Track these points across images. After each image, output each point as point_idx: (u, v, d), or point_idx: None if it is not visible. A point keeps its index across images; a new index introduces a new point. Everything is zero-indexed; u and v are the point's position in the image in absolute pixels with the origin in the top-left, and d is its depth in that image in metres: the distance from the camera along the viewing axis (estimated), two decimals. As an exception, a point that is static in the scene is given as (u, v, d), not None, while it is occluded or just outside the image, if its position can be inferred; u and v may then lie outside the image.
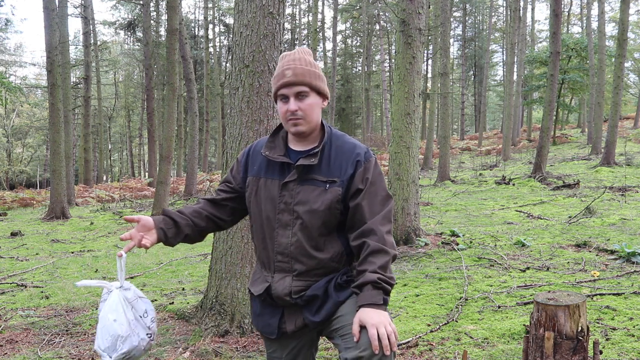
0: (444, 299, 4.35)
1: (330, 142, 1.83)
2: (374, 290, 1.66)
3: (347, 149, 1.81)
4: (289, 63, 1.79)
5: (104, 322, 1.86)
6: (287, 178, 1.80)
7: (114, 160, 51.82)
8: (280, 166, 1.83)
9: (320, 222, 1.76)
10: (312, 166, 1.78)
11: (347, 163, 1.78)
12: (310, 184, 1.78)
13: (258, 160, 1.89)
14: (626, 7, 15.57)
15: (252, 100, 3.70)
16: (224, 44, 40.48)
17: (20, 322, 4.28)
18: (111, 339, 1.84)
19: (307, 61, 1.80)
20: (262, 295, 1.86)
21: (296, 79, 1.75)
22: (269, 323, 1.87)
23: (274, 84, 1.82)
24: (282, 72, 1.78)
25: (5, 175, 38.89)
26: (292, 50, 1.87)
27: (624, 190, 11.34)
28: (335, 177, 1.77)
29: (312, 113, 1.79)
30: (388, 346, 1.58)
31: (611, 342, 3.20)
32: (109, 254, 7.98)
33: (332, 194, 1.76)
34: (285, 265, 1.80)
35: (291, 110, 1.76)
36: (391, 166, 6.94)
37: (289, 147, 1.87)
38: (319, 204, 1.75)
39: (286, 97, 1.78)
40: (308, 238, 1.77)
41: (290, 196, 1.78)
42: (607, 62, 23.04)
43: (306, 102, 1.77)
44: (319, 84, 1.80)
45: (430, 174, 20.77)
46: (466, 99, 46.80)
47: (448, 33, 17.77)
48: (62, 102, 13.97)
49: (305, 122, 1.78)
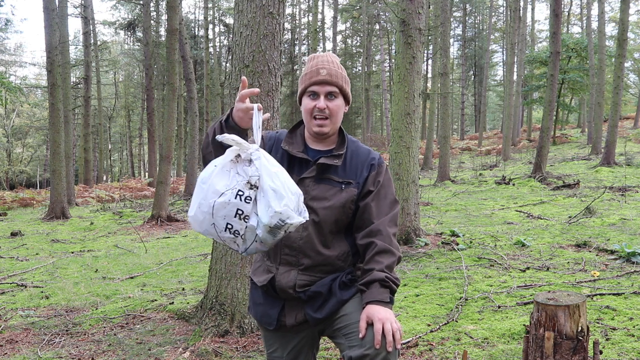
0: (444, 299, 4.35)
1: (348, 146, 1.90)
2: (382, 288, 1.70)
3: (363, 153, 1.89)
4: (323, 63, 1.83)
5: (283, 178, 1.54)
6: (305, 174, 1.83)
7: (114, 160, 51.80)
8: (299, 162, 1.86)
9: (334, 219, 1.80)
10: (330, 166, 1.83)
11: (363, 166, 1.85)
12: (327, 183, 1.82)
13: (280, 151, 1.90)
14: (626, 7, 15.57)
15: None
16: (224, 44, 40.46)
17: (20, 322, 4.28)
18: (295, 197, 1.55)
19: (338, 64, 1.87)
20: (265, 287, 1.86)
21: (330, 79, 1.80)
22: (269, 313, 1.87)
23: (304, 80, 1.84)
24: (316, 69, 1.82)
25: (5, 175, 38.88)
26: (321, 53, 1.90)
27: (624, 190, 11.34)
28: (351, 179, 1.84)
29: (338, 114, 1.84)
30: (392, 342, 1.60)
31: (611, 342, 3.20)
32: (109, 254, 7.98)
33: (348, 193, 1.82)
34: (292, 258, 1.82)
35: (320, 108, 1.80)
36: (391, 166, 6.94)
37: (307, 145, 1.91)
38: (335, 201, 1.80)
39: (316, 94, 1.81)
40: (318, 234, 1.80)
41: (305, 192, 1.80)
42: (607, 62, 23.04)
43: (335, 102, 1.82)
44: (347, 88, 1.86)
45: (430, 174, 20.77)
46: (466, 99, 46.81)
47: (448, 33, 17.76)
48: (62, 102, 13.97)
49: (330, 122, 1.83)
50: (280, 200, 1.51)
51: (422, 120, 30.20)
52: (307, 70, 1.85)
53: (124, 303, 4.75)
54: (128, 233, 10.42)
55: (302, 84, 1.85)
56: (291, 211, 1.51)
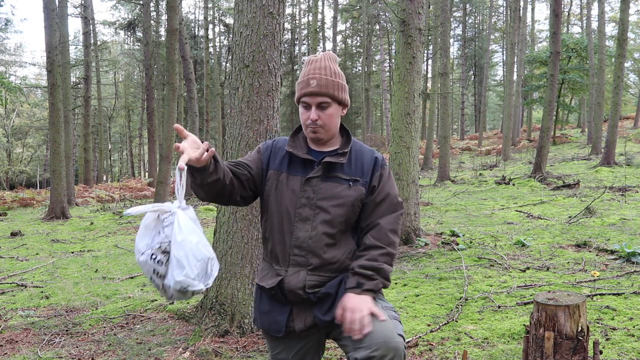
0: (444, 299, 4.35)
1: (352, 145, 1.92)
2: (352, 277, 1.76)
3: (367, 153, 1.93)
4: (314, 72, 1.83)
5: (187, 247, 1.59)
6: (312, 174, 1.84)
7: (114, 160, 51.80)
8: (303, 163, 1.87)
9: (344, 217, 1.83)
10: (336, 164, 1.85)
11: (368, 166, 1.88)
12: (334, 181, 1.84)
13: (280, 155, 1.92)
14: (626, 7, 15.57)
15: (252, 100, 3.70)
16: (224, 44, 40.46)
17: (20, 322, 4.28)
18: (201, 263, 1.60)
19: (332, 71, 1.85)
20: (274, 289, 1.85)
21: (320, 90, 1.81)
22: (277, 320, 1.86)
23: (298, 89, 1.86)
24: (307, 80, 1.83)
25: (5, 175, 38.88)
26: (319, 55, 1.89)
27: (624, 190, 11.34)
28: (358, 176, 1.86)
29: (331, 123, 1.86)
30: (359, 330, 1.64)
31: (611, 342, 3.20)
32: (109, 254, 7.98)
33: (357, 192, 1.84)
34: (301, 259, 1.82)
35: (312, 119, 1.82)
36: (391, 166, 6.94)
37: (310, 148, 1.93)
38: (344, 199, 1.83)
39: (308, 105, 1.83)
40: (328, 232, 1.82)
41: (312, 191, 1.83)
42: (607, 62, 23.05)
43: (327, 112, 1.84)
44: (340, 94, 1.86)
45: (430, 174, 20.77)
46: (466, 99, 46.80)
47: (448, 33, 17.77)
48: (62, 102, 13.97)
49: (324, 130, 1.85)
50: (181, 270, 1.58)
51: (422, 120, 30.20)
52: (300, 78, 1.86)
53: (124, 303, 4.75)
54: (128, 233, 10.42)
55: (297, 92, 1.88)
56: (192, 280, 1.59)
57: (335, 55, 1.93)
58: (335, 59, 1.91)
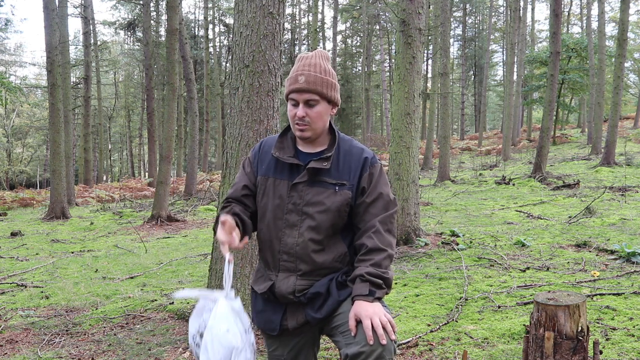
0: (444, 299, 4.35)
1: (339, 146, 1.87)
2: (362, 283, 1.71)
3: (355, 153, 1.86)
4: (303, 68, 1.81)
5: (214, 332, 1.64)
6: (297, 179, 1.82)
7: (114, 160, 51.80)
8: (290, 167, 1.86)
9: (330, 223, 1.80)
10: (322, 169, 1.81)
11: (356, 167, 1.83)
12: (320, 185, 1.81)
13: (267, 160, 1.91)
14: (626, 7, 15.57)
15: (252, 100, 3.70)
16: (224, 44, 40.46)
17: (20, 322, 4.28)
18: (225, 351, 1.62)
19: (322, 68, 1.82)
20: (266, 294, 1.88)
21: (308, 87, 1.78)
22: (271, 319, 1.89)
23: (286, 85, 1.84)
24: (295, 76, 1.81)
25: (5, 175, 38.88)
26: (310, 52, 1.88)
27: (624, 190, 11.34)
28: (345, 180, 1.82)
29: (319, 121, 1.82)
30: (384, 335, 1.60)
31: (611, 342, 3.20)
32: (109, 254, 7.98)
33: (343, 196, 1.80)
34: (290, 265, 1.83)
35: (299, 116, 1.79)
36: (391, 166, 6.94)
37: (298, 149, 1.90)
38: (330, 205, 1.79)
39: (296, 101, 1.81)
40: (314, 238, 1.80)
41: (299, 197, 1.81)
42: (607, 62, 23.05)
43: (314, 109, 1.80)
44: (330, 92, 1.82)
45: (430, 174, 20.77)
46: (466, 99, 46.79)
47: (448, 33, 17.77)
48: (62, 102, 13.97)
49: (310, 128, 1.82)
50: (205, 354, 1.65)
51: (422, 120, 30.20)
52: (290, 75, 1.84)
53: (124, 303, 4.75)
54: (128, 233, 10.42)
55: (285, 88, 1.86)
56: None
57: (327, 53, 1.91)
58: (328, 57, 1.89)
